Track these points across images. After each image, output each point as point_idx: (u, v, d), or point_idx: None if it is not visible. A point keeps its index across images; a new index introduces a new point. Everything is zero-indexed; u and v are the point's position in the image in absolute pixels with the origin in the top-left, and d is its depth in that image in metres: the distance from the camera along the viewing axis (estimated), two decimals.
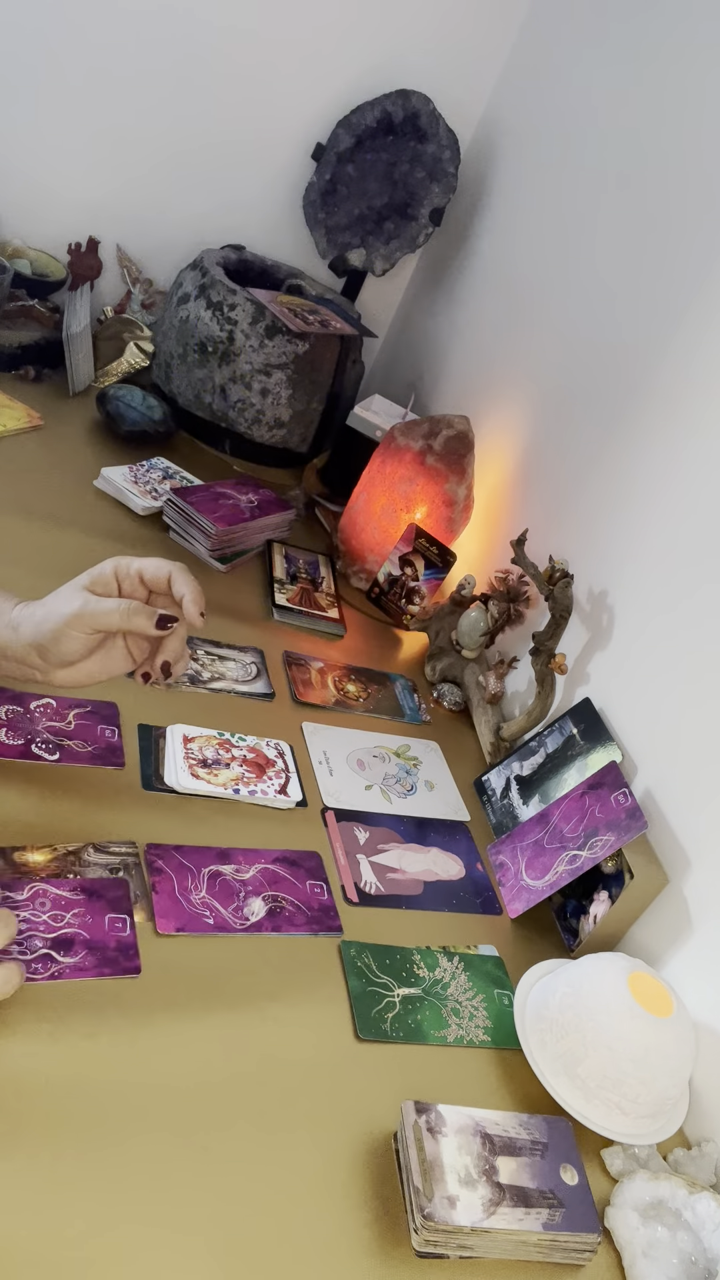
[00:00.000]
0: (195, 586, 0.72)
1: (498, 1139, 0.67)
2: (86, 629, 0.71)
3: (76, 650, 0.72)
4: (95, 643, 0.73)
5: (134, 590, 0.73)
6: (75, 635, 0.71)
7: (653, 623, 0.97)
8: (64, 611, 0.70)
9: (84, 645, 0.72)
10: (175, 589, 0.72)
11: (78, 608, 0.70)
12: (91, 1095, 0.61)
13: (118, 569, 0.73)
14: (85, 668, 0.74)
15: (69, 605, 0.71)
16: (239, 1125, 0.64)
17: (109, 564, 0.73)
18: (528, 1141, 0.67)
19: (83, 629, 0.71)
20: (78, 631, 0.71)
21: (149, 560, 0.73)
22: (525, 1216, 0.63)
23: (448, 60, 1.49)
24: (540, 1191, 0.65)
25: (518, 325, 1.35)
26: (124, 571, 0.73)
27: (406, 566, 1.23)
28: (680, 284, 1.04)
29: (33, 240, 1.48)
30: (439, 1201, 0.62)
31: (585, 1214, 0.65)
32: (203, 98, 1.45)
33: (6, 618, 0.73)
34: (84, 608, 0.70)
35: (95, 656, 0.74)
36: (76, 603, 0.70)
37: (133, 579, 0.73)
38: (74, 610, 0.70)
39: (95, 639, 0.72)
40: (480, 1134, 0.66)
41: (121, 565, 0.73)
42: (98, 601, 0.70)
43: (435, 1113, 0.66)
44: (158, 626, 0.71)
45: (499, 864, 0.94)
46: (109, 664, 0.74)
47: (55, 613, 0.71)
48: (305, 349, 1.32)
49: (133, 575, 0.73)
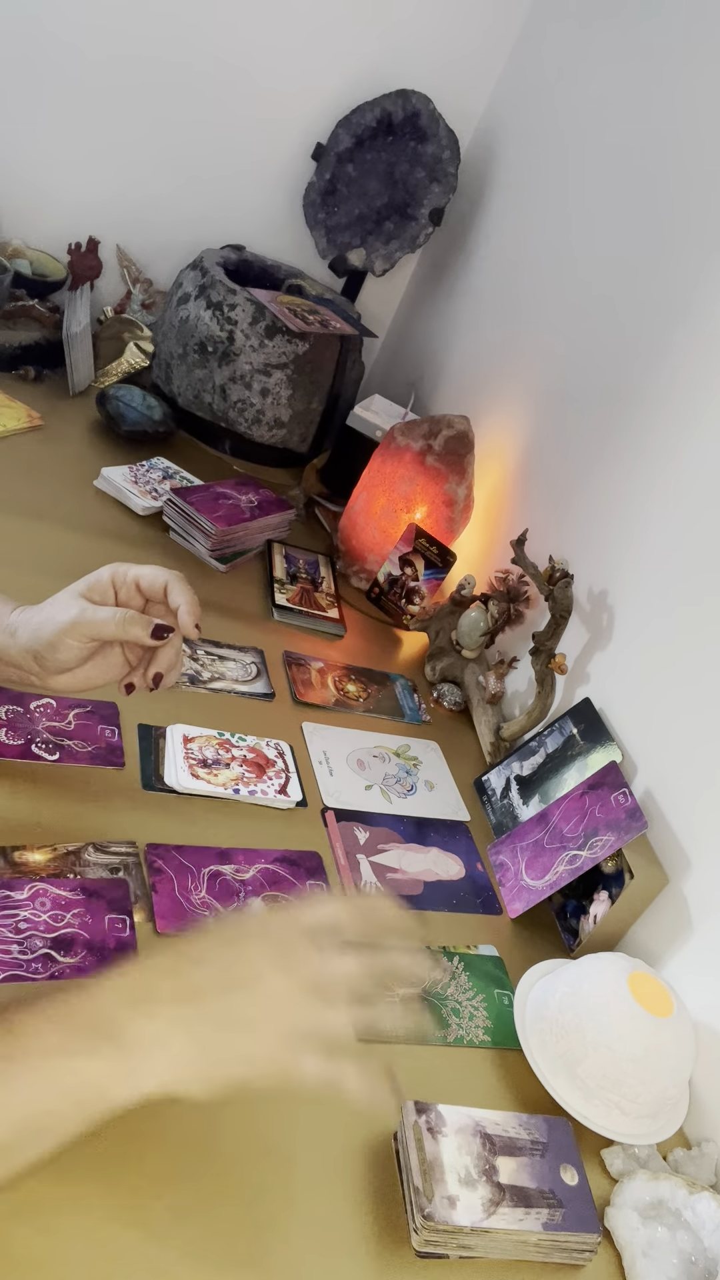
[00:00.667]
0: (191, 596, 0.72)
1: (498, 1139, 0.67)
2: (82, 637, 0.70)
3: (73, 658, 0.71)
4: (92, 650, 0.72)
5: (130, 598, 0.73)
6: (71, 644, 0.70)
7: (652, 622, 0.97)
8: (60, 619, 0.70)
9: (80, 653, 0.71)
10: (171, 599, 0.72)
11: (74, 616, 0.70)
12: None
13: (115, 576, 0.72)
14: (82, 674, 0.73)
15: (65, 613, 0.70)
16: (238, 1125, 0.64)
17: (106, 571, 0.72)
18: (528, 1141, 0.67)
19: (78, 637, 0.70)
20: (74, 640, 0.70)
21: (146, 568, 0.73)
22: (525, 1216, 0.63)
23: (448, 60, 1.49)
24: (540, 1191, 0.65)
25: (518, 325, 1.35)
26: (121, 579, 0.72)
27: (406, 566, 1.23)
28: (680, 284, 1.04)
29: (33, 240, 1.48)
30: (439, 1201, 0.62)
31: (585, 1214, 0.65)
32: (203, 98, 1.45)
33: (4, 622, 0.73)
34: (80, 616, 0.70)
35: (93, 663, 0.73)
36: (73, 610, 0.70)
37: (129, 586, 0.72)
38: (70, 618, 0.70)
39: (91, 646, 0.72)
40: (480, 1134, 0.66)
41: (119, 572, 0.72)
42: (94, 610, 0.70)
43: (435, 1113, 0.66)
44: (153, 636, 0.70)
45: (499, 864, 0.94)
46: (106, 670, 0.74)
47: (52, 620, 0.71)
48: (305, 349, 1.32)
49: (129, 583, 0.72)
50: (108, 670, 0.74)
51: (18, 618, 0.73)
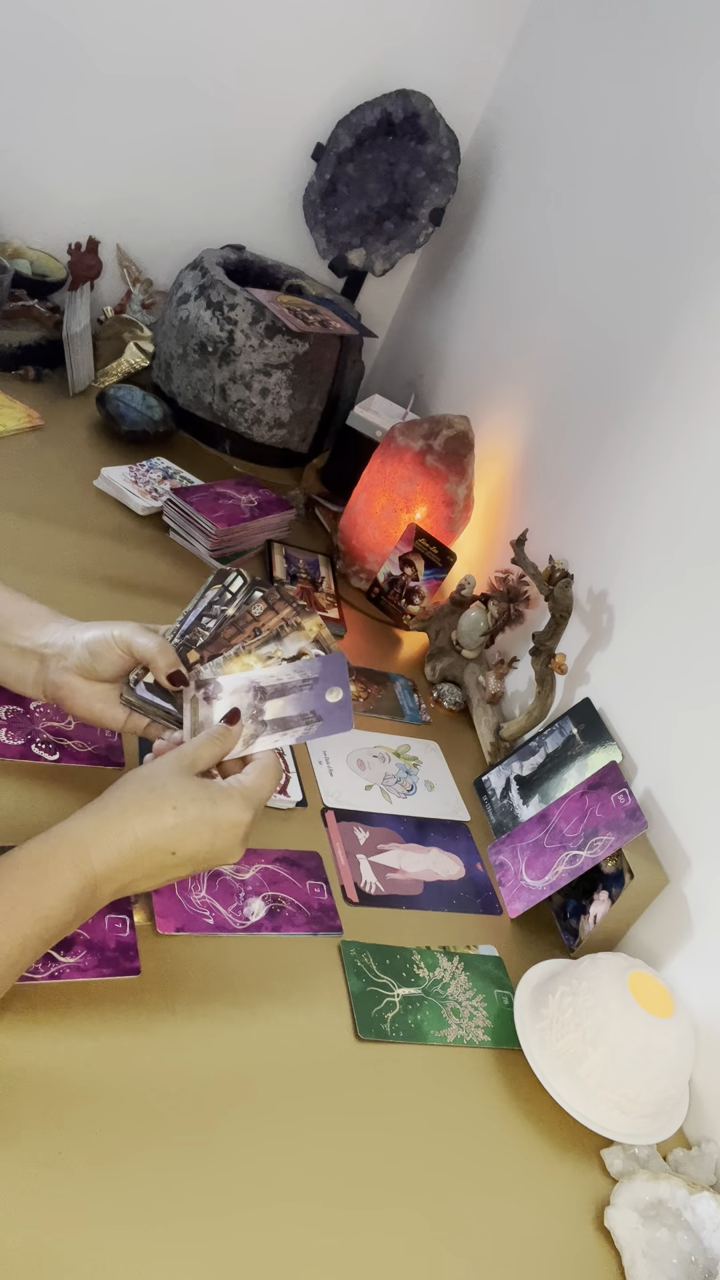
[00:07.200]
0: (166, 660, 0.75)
1: (270, 688, 0.71)
2: (126, 649, 0.73)
3: (108, 669, 0.74)
4: (125, 668, 0.74)
5: None
6: (117, 653, 0.73)
7: (653, 622, 0.97)
8: (113, 629, 0.74)
9: (117, 667, 0.74)
10: None
11: (132, 627, 0.74)
12: (90, 1095, 0.61)
13: None
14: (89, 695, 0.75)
15: (119, 626, 0.74)
16: (238, 1125, 0.64)
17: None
18: (299, 681, 0.71)
19: (124, 648, 0.73)
20: (120, 649, 0.73)
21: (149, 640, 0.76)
22: (283, 737, 0.69)
23: (448, 60, 1.49)
24: (302, 715, 0.70)
25: (517, 325, 1.35)
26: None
27: (406, 566, 1.23)
28: (680, 284, 1.04)
29: (33, 240, 1.48)
30: None
31: (342, 721, 0.70)
32: (203, 98, 1.45)
33: (62, 621, 0.77)
34: (133, 631, 0.74)
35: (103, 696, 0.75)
36: (128, 626, 0.74)
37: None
38: (127, 626, 0.74)
39: (126, 664, 0.74)
40: (254, 689, 0.71)
41: None
42: (144, 632, 0.74)
43: (214, 684, 0.71)
44: (169, 678, 0.73)
45: (499, 864, 0.94)
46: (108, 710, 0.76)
47: (106, 626, 0.74)
48: (305, 349, 1.32)
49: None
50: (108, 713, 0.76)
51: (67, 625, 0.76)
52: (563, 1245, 0.67)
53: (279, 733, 0.70)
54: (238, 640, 0.74)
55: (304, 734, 0.70)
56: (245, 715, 0.71)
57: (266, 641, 0.74)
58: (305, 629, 0.74)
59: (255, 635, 0.74)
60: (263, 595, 0.76)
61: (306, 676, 0.72)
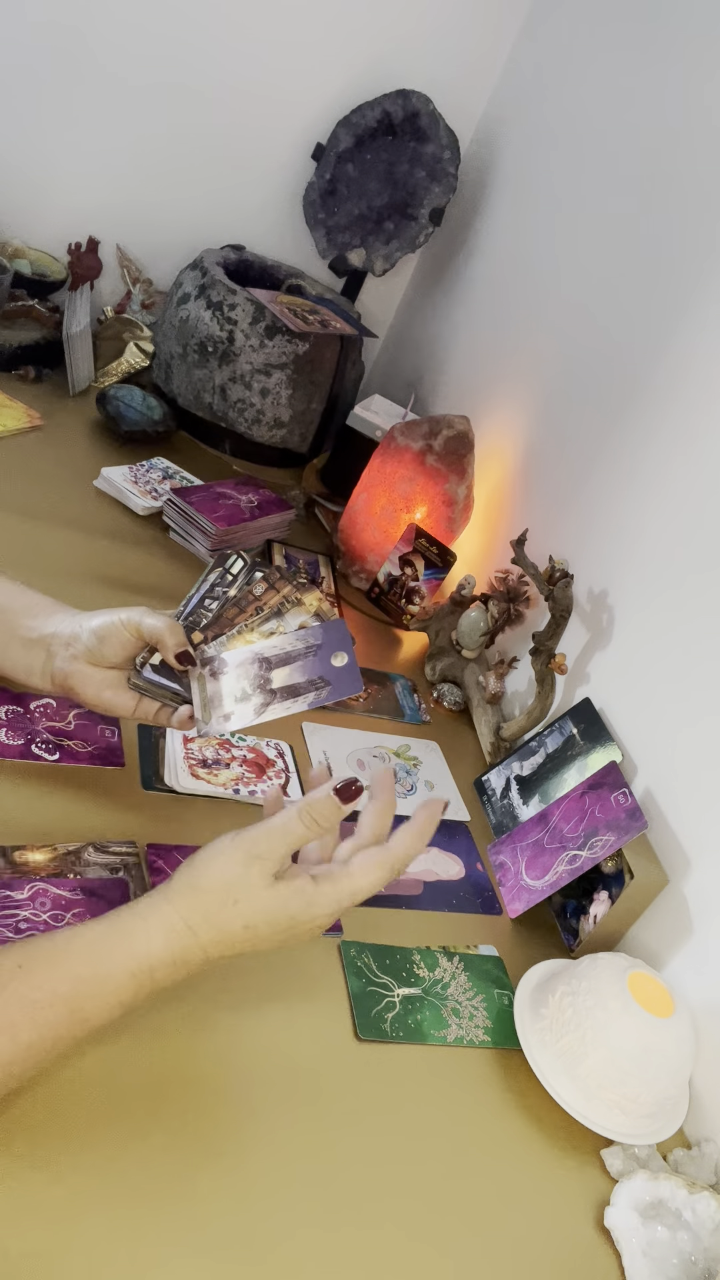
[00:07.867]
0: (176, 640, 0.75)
1: (275, 657, 0.72)
2: (135, 631, 0.74)
3: (118, 655, 0.74)
4: (133, 651, 0.75)
5: None
6: (125, 636, 0.74)
7: (653, 622, 0.97)
8: (121, 613, 0.74)
9: (126, 650, 0.74)
10: None
11: (140, 610, 0.75)
12: (90, 1096, 0.61)
13: None
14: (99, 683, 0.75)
15: (128, 611, 0.75)
16: (238, 1125, 0.64)
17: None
18: (303, 649, 0.72)
19: (133, 631, 0.74)
20: (129, 633, 0.74)
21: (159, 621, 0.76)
22: (294, 703, 0.69)
23: (448, 60, 1.49)
24: (310, 680, 0.70)
25: (518, 325, 1.35)
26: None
27: (406, 566, 1.23)
28: (680, 284, 1.04)
29: (33, 240, 1.48)
30: (215, 721, 0.71)
31: (351, 684, 0.71)
32: (203, 98, 1.45)
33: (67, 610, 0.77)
34: (142, 613, 0.74)
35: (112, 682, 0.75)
36: (136, 611, 0.75)
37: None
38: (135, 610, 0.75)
39: (134, 648, 0.74)
40: (259, 660, 0.72)
41: None
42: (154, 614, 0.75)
43: (219, 660, 0.72)
44: (177, 657, 0.73)
45: (499, 864, 0.94)
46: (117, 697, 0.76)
47: (113, 611, 0.75)
48: (305, 349, 1.32)
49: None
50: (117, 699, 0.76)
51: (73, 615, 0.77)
52: (563, 1245, 0.67)
53: (290, 699, 0.71)
54: (240, 620, 0.75)
55: (315, 699, 0.71)
56: (253, 685, 0.71)
57: (269, 619, 0.75)
58: (306, 604, 0.74)
59: (258, 614, 0.75)
60: (263, 575, 0.77)
61: (310, 643, 0.73)
